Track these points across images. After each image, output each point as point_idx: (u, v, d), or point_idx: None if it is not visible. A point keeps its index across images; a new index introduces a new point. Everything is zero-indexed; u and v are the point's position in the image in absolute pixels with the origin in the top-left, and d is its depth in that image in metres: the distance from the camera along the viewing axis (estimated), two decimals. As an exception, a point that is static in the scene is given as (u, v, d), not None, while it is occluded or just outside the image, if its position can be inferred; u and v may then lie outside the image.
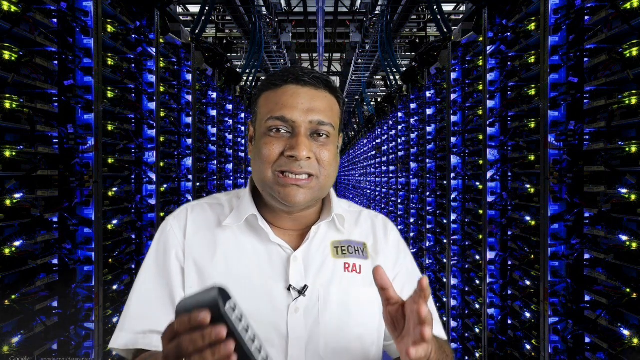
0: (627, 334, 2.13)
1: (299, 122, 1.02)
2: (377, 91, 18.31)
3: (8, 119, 2.13)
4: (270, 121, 1.03)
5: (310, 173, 1.03)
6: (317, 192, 1.05)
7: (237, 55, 14.00)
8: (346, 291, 1.07)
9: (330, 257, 1.09)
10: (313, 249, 1.09)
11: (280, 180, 1.02)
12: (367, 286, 1.06)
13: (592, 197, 2.45)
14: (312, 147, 1.03)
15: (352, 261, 1.10)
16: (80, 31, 2.61)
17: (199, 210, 1.13)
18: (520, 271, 3.21)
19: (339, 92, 1.11)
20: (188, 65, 4.33)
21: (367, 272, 1.09)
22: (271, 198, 1.07)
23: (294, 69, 1.08)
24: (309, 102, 1.04)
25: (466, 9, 9.34)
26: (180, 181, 4.18)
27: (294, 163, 1.01)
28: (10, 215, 2.14)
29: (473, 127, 4.06)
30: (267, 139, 1.03)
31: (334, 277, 1.07)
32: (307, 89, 1.05)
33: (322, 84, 1.07)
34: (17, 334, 2.17)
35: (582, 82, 2.48)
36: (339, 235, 1.13)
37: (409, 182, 6.29)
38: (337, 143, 1.11)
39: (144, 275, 1.09)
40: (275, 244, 1.08)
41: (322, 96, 1.06)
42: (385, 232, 1.18)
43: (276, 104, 1.04)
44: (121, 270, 3.05)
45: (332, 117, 1.06)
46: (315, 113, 1.03)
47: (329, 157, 1.05)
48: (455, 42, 4.28)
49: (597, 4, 2.40)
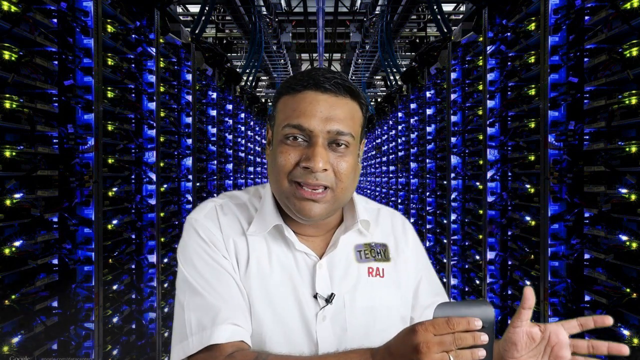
0: (627, 334, 2.13)
1: (317, 131, 0.98)
2: (377, 91, 18.32)
3: (8, 119, 2.13)
4: (287, 128, 0.99)
5: (326, 185, 0.99)
6: (333, 205, 1.02)
7: (237, 55, 13.99)
8: (371, 296, 1.06)
9: (354, 262, 1.08)
10: (337, 255, 1.08)
11: (296, 193, 0.99)
12: (390, 289, 1.07)
13: (592, 197, 2.45)
14: (329, 157, 0.99)
15: (375, 265, 1.08)
16: (80, 31, 2.61)
17: (228, 211, 1.09)
18: (520, 271, 3.21)
19: (362, 97, 1.05)
20: (188, 65, 4.33)
21: (390, 274, 1.08)
22: (287, 209, 1.04)
23: (315, 72, 1.02)
24: (328, 110, 0.99)
25: (466, 9, 9.33)
26: (180, 181, 4.18)
27: (310, 175, 0.97)
28: (10, 215, 2.13)
29: (473, 127, 4.06)
30: (284, 147, 1.00)
31: (359, 282, 1.06)
32: (326, 96, 1.00)
33: (343, 90, 1.01)
34: (17, 334, 2.17)
35: (582, 82, 2.48)
36: (362, 238, 1.11)
37: (409, 182, 6.29)
38: (358, 151, 1.06)
39: (202, 273, 1.02)
40: (301, 251, 1.06)
41: (343, 103, 1.01)
42: (405, 232, 1.16)
43: (294, 111, 0.99)
44: (121, 270, 3.05)
45: (353, 125, 1.01)
46: (334, 122, 0.98)
47: (346, 168, 1.00)
48: (455, 42, 4.28)
49: (597, 4, 2.40)
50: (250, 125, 8.16)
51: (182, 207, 4.21)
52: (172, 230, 3.99)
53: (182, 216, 4.22)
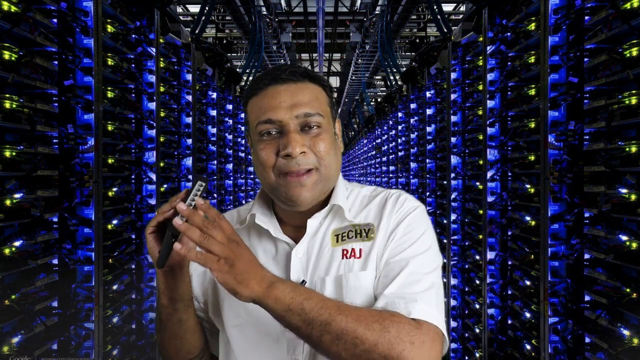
0: (627, 334, 2.13)
1: (285, 119, 1.02)
2: (377, 91, 18.32)
3: (8, 119, 2.13)
4: (259, 126, 1.04)
5: (309, 168, 1.03)
6: (320, 185, 1.05)
7: (237, 55, 14.00)
8: (341, 278, 1.05)
9: (329, 247, 1.09)
10: (315, 241, 1.10)
11: (283, 182, 1.03)
12: (364, 269, 1.05)
13: (592, 197, 2.45)
14: (304, 140, 1.03)
15: (350, 246, 1.08)
16: (80, 31, 2.61)
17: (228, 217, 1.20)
18: (520, 271, 3.21)
19: (322, 79, 1.10)
20: (188, 65, 4.33)
21: (367, 253, 1.06)
22: (279, 200, 1.08)
23: (272, 69, 1.08)
24: (290, 97, 1.03)
25: (466, 9, 9.34)
26: (180, 181, 4.18)
27: (291, 161, 1.01)
28: (10, 215, 2.13)
29: (473, 127, 4.06)
30: (261, 144, 1.05)
31: (331, 266, 1.07)
32: (286, 86, 1.05)
33: (300, 76, 1.06)
34: (17, 334, 2.17)
35: (582, 82, 2.48)
36: (342, 222, 1.11)
37: (409, 182, 6.29)
38: (333, 130, 1.10)
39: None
40: (282, 241, 1.11)
41: (304, 87, 1.06)
42: (393, 209, 1.10)
43: (260, 109, 1.05)
44: (121, 270, 3.05)
45: (319, 106, 1.06)
46: (299, 107, 1.03)
47: (325, 147, 1.04)
48: (455, 42, 4.28)
49: (597, 4, 2.39)
50: (250, 125, 8.15)
51: (182, 207, 4.20)
52: (172, 230, 3.98)
53: (182, 216, 4.21)
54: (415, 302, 0.96)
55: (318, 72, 1.11)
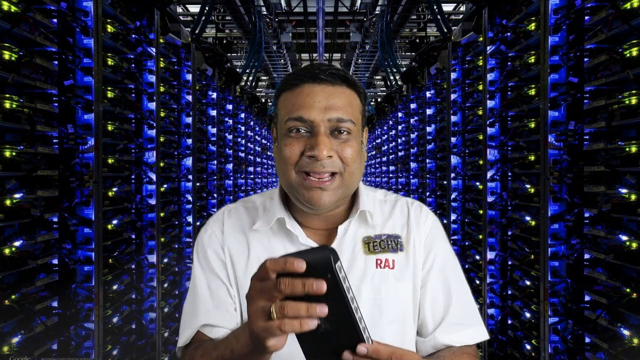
0: (627, 334, 2.13)
1: (317, 121, 1.00)
2: (377, 91, 18.31)
3: (8, 119, 2.13)
4: (289, 122, 1.02)
5: (334, 171, 1.01)
6: (341, 190, 1.04)
7: (237, 55, 13.99)
8: (378, 288, 1.06)
9: (362, 254, 1.08)
10: (344, 247, 1.08)
11: (304, 183, 1.01)
12: (400, 281, 1.07)
13: (592, 197, 2.45)
14: (332, 145, 1.01)
15: (384, 257, 1.08)
16: (80, 31, 2.61)
17: (235, 213, 1.17)
18: (520, 271, 3.21)
19: (358, 85, 1.08)
20: (188, 65, 4.33)
21: (401, 265, 1.08)
22: (297, 200, 1.06)
23: (311, 66, 1.06)
24: (326, 99, 1.02)
25: (466, 9, 9.33)
26: (180, 181, 4.19)
27: (316, 163, 1.00)
28: (10, 215, 2.13)
29: (473, 127, 4.06)
30: (288, 140, 1.02)
31: (366, 274, 1.06)
32: (323, 86, 1.03)
33: (339, 80, 1.04)
34: (17, 334, 2.16)
35: (582, 82, 2.48)
36: (370, 230, 1.11)
37: (409, 182, 6.29)
38: (361, 138, 1.08)
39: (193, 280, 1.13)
40: (305, 245, 1.08)
41: (340, 92, 1.04)
42: (418, 221, 1.14)
43: (293, 105, 1.02)
44: (121, 270, 3.05)
45: (352, 112, 1.04)
46: (333, 110, 1.01)
47: (351, 153, 1.03)
48: (455, 42, 4.28)
49: (597, 4, 2.40)
50: (250, 125, 8.16)
51: (182, 207, 4.21)
52: (172, 230, 3.99)
53: (182, 216, 4.22)
54: (472, 327, 1.13)
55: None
